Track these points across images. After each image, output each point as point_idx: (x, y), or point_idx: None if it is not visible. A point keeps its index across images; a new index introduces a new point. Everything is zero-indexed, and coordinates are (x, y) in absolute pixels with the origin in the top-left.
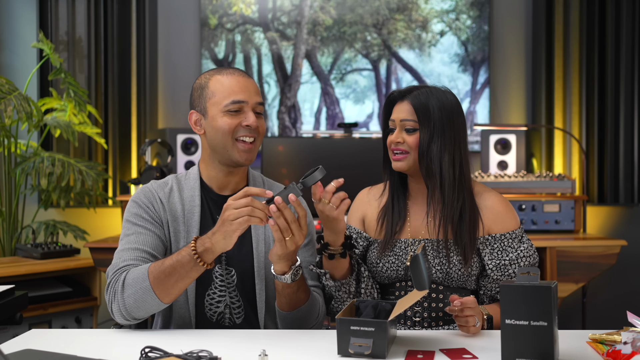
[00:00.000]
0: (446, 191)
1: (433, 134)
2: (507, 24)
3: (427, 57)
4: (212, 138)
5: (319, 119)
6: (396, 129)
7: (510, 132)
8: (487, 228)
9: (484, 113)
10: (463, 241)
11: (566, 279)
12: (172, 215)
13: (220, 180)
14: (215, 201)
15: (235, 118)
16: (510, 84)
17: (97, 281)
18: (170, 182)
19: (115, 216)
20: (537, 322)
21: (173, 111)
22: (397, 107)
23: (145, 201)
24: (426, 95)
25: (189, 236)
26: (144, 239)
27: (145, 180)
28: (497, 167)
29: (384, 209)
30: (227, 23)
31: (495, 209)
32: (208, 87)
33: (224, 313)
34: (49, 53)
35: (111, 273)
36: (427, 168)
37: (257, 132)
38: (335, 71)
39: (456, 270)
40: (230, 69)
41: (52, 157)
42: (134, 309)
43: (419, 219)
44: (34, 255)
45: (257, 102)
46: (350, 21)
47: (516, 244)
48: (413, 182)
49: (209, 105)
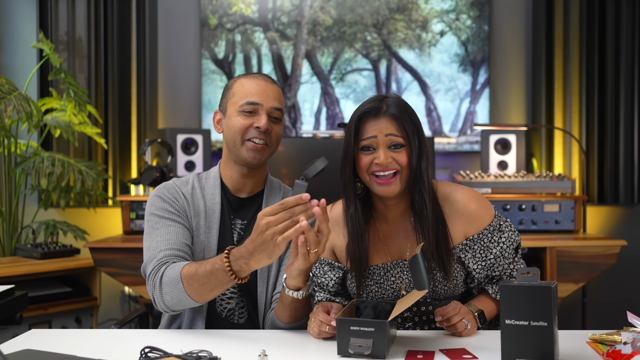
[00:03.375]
0: (427, 206)
1: (420, 149)
2: (507, 23)
3: (427, 57)
4: (226, 136)
5: (319, 119)
6: (377, 148)
7: (510, 132)
8: (464, 233)
9: (484, 113)
10: (440, 255)
11: (566, 279)
12: (195, 210)
13: (236, 181)
14: (232, 202)
15: (248, 119)
16: (510, 83)
17: (97, 281)
18: (192, 181)
19: (115, 216)
20: (537, 323)
21: (173, 111)
22: (373, 122)
23: (169, 196)
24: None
25: (209, 232)
26: (175, 231)
27: (145, 180)
28: (497, 167)
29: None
30: (227, 23)
31: (467, 210)
32: (232, 88)
33: (234, 310)
34: (49, 53)
35: (151, 265)
36: (417, 187)
37: (269, 137)
38: (335, 71)
39: (441, 287)
40: (258, 75)
41: (52, 157)
42: (172, 305)
43: (395, 239)
44: (34, 255)
45: (273, 106)
46: (350, 21)
47: (496, 237)
48: (389, 205)
49: (229, 105)
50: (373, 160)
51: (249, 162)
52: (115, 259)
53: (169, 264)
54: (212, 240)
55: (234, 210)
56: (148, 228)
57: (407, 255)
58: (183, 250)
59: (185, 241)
